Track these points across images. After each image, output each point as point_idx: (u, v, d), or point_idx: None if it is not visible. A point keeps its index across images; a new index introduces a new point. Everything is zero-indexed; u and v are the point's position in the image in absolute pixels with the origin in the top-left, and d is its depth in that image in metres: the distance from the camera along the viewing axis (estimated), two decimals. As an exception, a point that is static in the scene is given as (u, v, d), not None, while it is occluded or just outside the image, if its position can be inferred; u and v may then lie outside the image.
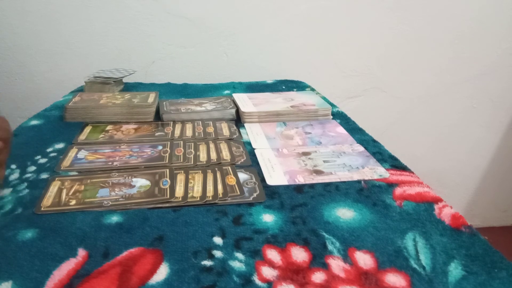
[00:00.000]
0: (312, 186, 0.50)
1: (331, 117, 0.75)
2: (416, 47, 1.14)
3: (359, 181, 0.51)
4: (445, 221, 0.42)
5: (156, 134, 0.65)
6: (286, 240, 0.40)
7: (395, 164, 0.56)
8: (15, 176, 0.51)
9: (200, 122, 0.71)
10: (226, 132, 0.67)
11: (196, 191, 0.48)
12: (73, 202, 0.45)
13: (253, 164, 0.56)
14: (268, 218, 0.43)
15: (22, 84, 1.03)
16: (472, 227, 0.41)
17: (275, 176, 0.52)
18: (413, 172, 0.54)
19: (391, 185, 0.50)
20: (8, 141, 0.46)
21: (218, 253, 0.37)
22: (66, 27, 0.99)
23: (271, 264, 0.36)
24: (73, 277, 0.34)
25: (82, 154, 0.57)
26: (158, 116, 0.73)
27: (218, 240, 0.39)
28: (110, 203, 0.45)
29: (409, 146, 1.29)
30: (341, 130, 0.69)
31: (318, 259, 0.37)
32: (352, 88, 1.17)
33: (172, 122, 0.70)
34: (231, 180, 0.50)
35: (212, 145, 0.61)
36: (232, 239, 0.40)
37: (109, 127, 0.68)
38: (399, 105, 1.22)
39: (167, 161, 0.55)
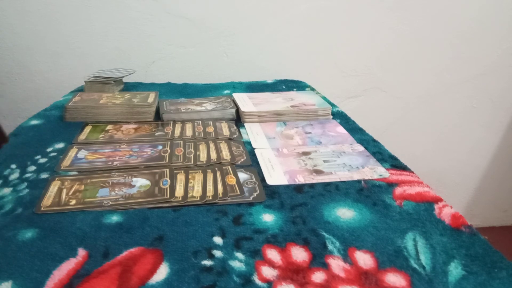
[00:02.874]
0: (312, 186, 0.50)
1: (331, 117, 0.75)
2: (416, 47, 1.14)
3: (359, 181, 0.51)
4: (445, 221, 0.42)
5: (156, 134, 0.65)
6: (286, 240, 0.40)
7: (395, 163, 0.56)
8: (15, 176, 0.51)
9: (200, 122, 0.71)
10: (226, 132, 0.67)
11: (196, 191, 0.48)
12: (73, 202, 0.45)
13: (253, 164, 0.56)
14: (268, 218, 0.43)
15: (22, 84, 1.03)
16: (472, 227, 0.41)
17: (275, 176, 0.52)
18: (413, 172, 0.54)
19: (391, 185, 0.50)
20: None
21: (218, 253, 0.37)
22: (66, 27, 0.99)
23: (271, 264, 0.36)
24: (73, 277, 0.34)
25: (82, 154, 0.57)
26: (158, 116, 0.73)
27: (218, 240, 0.39)
28: (110, 203, 0.45)
29: (409, 146, 1.29)
30: (341, 130, 0.69)
31: (318, 259, 0.37)
32: (352, 88, 1.17)
33: (172, 122, 0.70)
34: (231, 180, 0.50)
35: (212, 145, 0.61)
36: (232, 239, 0.40)
37: (109, 127, 0.68)
38: (399, 105, 1.22)
39: (167, 161, 0.55)
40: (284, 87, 0.96)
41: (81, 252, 0.37)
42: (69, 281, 0.34)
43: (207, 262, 0.36)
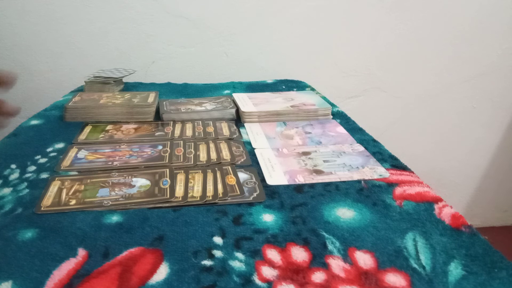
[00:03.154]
0: (312, 186, 0.50)
1: (331, 117, 0.75)
2: (416, 47, 1.14)
3: (359, 181, 0.51)
4: (445, 221, 0.42)
5: (156, 134, 0.65)
6: (286, 240, 0.40)
7: (395, 163, 0.56)
8: (15, 175, 0.51)
9: (200, 122, 0.71)
10: (226, 132, 0.67)
11: (196, 191, 0.48)
12: (73, 202, 0.45)
13: (253, 164, 0.56)
14: (268, 218, 0.43)
15: (22, 84, 1.03)
16: (472, 227, 0.41)
17: (275, 176, 0.52)
18: (413, 172, 0.54)
19: (391, 185, 0.50)
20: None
21: (218, 253, 0.37)
22: (66, 27, 0.99)
23: (271, 264, 0.36)
24: (73, 277, 0.34)
25: (82, 154, 0.57)
26: (158, 116, 0.73)
27: (218, 240, 0.39)
28: (110, 203, 0.45)
29: (409, 146, 1.29)
30: (341, 130, 0.69)
31: (318, 259, 0.37)
32: (352, 88, 1.17)
33: (172, 122, 0.70)
34: (231, 180, 0.50)
35: (212, 145, 0.61)
36: (232, 239, 0.40)
37: (109, 127, 0.68)
38: (399, 105, 1.22)
39: (167, 161, 0.55)
40: (284, 87, 0.96)
41: (81, 252, 0.37)
42: (69, 281, 0.34)
43: (207, 262, 0.36)
